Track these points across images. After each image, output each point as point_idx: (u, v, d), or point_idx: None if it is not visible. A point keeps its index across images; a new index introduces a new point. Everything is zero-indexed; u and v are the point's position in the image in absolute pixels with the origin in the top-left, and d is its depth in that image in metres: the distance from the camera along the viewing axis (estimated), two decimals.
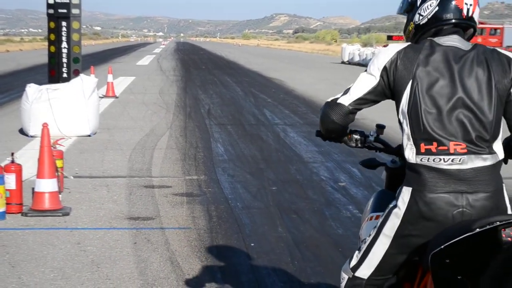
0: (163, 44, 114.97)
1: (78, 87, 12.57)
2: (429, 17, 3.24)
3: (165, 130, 13.81)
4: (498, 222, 2.78)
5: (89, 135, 12.63)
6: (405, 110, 3.11)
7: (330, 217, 7.41)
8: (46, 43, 13.79)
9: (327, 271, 5.67)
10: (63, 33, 13.27)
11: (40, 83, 13.31)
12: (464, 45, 3.18)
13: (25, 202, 7.39)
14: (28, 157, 9.98)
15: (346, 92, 3.26)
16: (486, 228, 2.78)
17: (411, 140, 3.10)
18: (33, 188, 7.48)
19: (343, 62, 47.41)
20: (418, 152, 3.08)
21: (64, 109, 12.32)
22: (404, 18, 3.40)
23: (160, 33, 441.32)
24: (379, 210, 3.44)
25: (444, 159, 3.04)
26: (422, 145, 3.08)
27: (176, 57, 55.11)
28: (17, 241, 6.41)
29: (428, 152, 3.07)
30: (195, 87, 24.47)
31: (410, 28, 3.34)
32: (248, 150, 11.63)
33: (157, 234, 6.68)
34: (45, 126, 7.43)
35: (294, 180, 9.29)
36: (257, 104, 19.33)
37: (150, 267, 5.73)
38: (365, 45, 64.56)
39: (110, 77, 20.78)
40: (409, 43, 3.25)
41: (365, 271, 3.30)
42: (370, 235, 3.29)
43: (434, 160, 3.06)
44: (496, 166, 3.10)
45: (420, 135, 3.08)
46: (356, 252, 3.37)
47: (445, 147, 3.05)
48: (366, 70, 3.24)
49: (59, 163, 7.75)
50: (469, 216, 3.01)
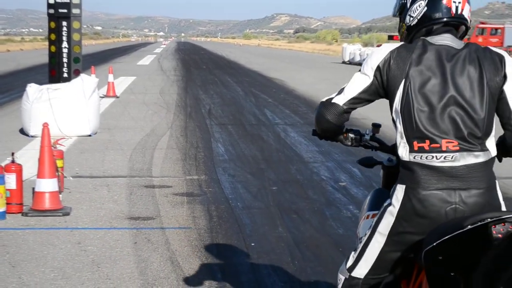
0: (164, 44, 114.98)
1: (78, 87, 12.57)
2: (419, 17, 3.28)
3: (165, 130, 13.81)
4: (489, 219, 2.81)
5: (89, 135, 12.64)
6: (398, 109, 3.14)
7: (331, 217, 7.41)
8: (47, 43, 13.78)
9: (328, 271, 5.66)
10: (64, 33, 13.26)
11: (40, 83, 13.30)
12: (457, 43, 3.20)
13: (25, 202, 7.39)
14: (28, 157, 9.98)
15: (340, 92, 3.30)
16: (477, 225, 2.81)
17: (404, 138, 3.14)
18: (33, 188, 7.49)
19: (343, 62, 47.39)
20: (411, 150, 3.12)
21: (64, 109, 12.33)
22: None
23: (161, 33, 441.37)
24: (375, 208, 3.46)
25: (436, 156, 3.07)
26: (415, 143, 3.11)
27: (177, 57, 55.13)
28: (17, 241, 6.41)
29: (421, 150, 3.10)
30: (196, 87, 24.47)
31: (403, 30, 3.38)
32: (249, 150, 11.63)
33: (157, 234, 6.68)
34: (45, 126, 7.43)
35: (295, 180, 9.29)
36: (258, 104, 19.33)
37: (150, 267, 5.73)
38: (366, 45, 64.52)
39: (110, 77, 20.78)
40: (402, 43, 3.28)
41: (361, 271, 3.32)
42: (365, 234, 3.32)
43: (426, 158, 3.09)
44: (489, 163, 3.12)
45: (413, 133, 3.11)
46: (352, 252, 3.39)
47: (438, 145, 3.08)
48: (360, 70, 3.28)
49: (59, 163, 7.76)
50: (462, 212, 3.05)
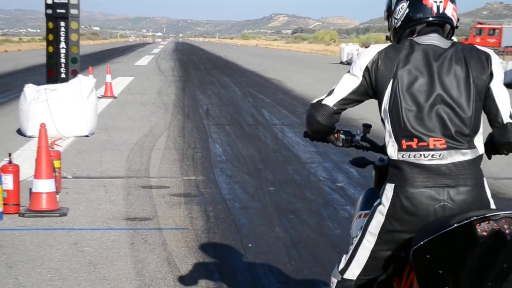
0: (162, 44, 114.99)
1: (76, 88, 12.57)
2: (402, 19, 3.33)
3: (163, 130, 13.81)
4: (474, 217, 2.85)
5: (87, 136, 12.63)
6: (387, 109, 3.19)
7: (328, 218, 7.41)
8: (45, 43, 13.77)
9: (325, 271, 5.66)
10: (62, 33, 13.26)
11: (38, 83, 13.30)
12: (443, 43, 3.25)
13: (22, 202, 7.39)
14: (25, 157, 9.98)
15: (330, 93, 3.34)
16: (462, 223, 2.85)
17: (393, 137, 3.18)
18: (30, 189, 7.48)
19: (341, 63, 47.38)
20: (400, 149, 3.16)
21: (62, 110, 12.32)
22: None
23: (159, 33, 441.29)
24: (367, 208, 3.48)
25: (424, 154, 3.11)
26: (403, 141, 3.15)
27: (174, 57, 55.12)
28: (14, 241, 6.41)
29: (409, 149, 3.14)
30: (194, 88, 24.47)
31: (391, 32, 3.45)
32: (246, 151, 11.63)
33: (154, 235, 6.68)
34: (42, 126, 7.43)
35: (292, 181, 9.30)
36: (256, 104, 19.34)
37: (147, 268, 5.73)
38: (364, 45, 64.57)
39: (108, 77, 20.79)
40: (390, 44, 3.35)
41: (353, 272, 3.34)
42: (357, 235, 3.35)
43: (415, 156, 3.12)
44: (476, 161, 3.16)
45: (401, 132, 3.15)
46: (344, 255, 3.42)
47: (425, 143, 3.12)
48: (349, 71, 3.33)
49: (56, 163, 7.76)
50: (450, 210, 3.08)
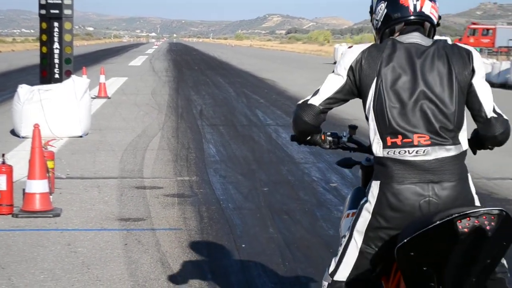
0: (156, 45, 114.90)
1: (70, 88, 12.55)
2: (381, 19, 3.40)
3: (157, 131, 13.80)
4: (455, 214, 2.88)
5: (80, 136, 12.62)
6: (371, 107, 3.23)
7: (321, 218, 7.42)
8: (38, 44, 13.74)
9: (318, 271, 5.66)
10: (55, 34, 13.22)
11: (32, 84, 13.26)
12: (425, 41, 3.31)
13: (15, 203, 7.38)
14: (19, 158, 9.96)
15: (316, 93, 3.38)
16: (443, 220, 2.88)
17: (378, 135, 3.22)
18: (24, 189, 7.47)
19: (335, 63, 47.31)
20: (385, 146, 3.20)
21: (55, 110, 12.31)
22: None
23: (153, 34, 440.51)
24: (354, 207, 3.51)
25: (408, 151, 3.16)
26: (388, 138, 3.19)
27: (168, 58, 55.09)
28: (7, 242, 6.40)
29: (394, 145, 3.18)
30: (188, 88, 24.46)
31: (374, 33, 3.51)
32: (240, 151, 11.64)
33: (148, 235, 6.68)
34: (36, 127, 7.42)
35: (286, 181, 9.30)
36: (250, 104, 19.35)
37: (140, 268, 5.73)
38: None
39: (102, 78, 20.76)
40: (373, 43, 3.39)
41: (343, 273, 3.35)
42: (345, 236, 3.37)
43: (399, 153, 3.17)
44: (460, 157, 3.20)
45: (386, 130, 3.19)
46: (333, 258, 3.43)
47: (410, 140, 3.16)
48: (333, 71, 3.38)
49: (50, 164, 7.74)
50: (435, 205, 3.12)
